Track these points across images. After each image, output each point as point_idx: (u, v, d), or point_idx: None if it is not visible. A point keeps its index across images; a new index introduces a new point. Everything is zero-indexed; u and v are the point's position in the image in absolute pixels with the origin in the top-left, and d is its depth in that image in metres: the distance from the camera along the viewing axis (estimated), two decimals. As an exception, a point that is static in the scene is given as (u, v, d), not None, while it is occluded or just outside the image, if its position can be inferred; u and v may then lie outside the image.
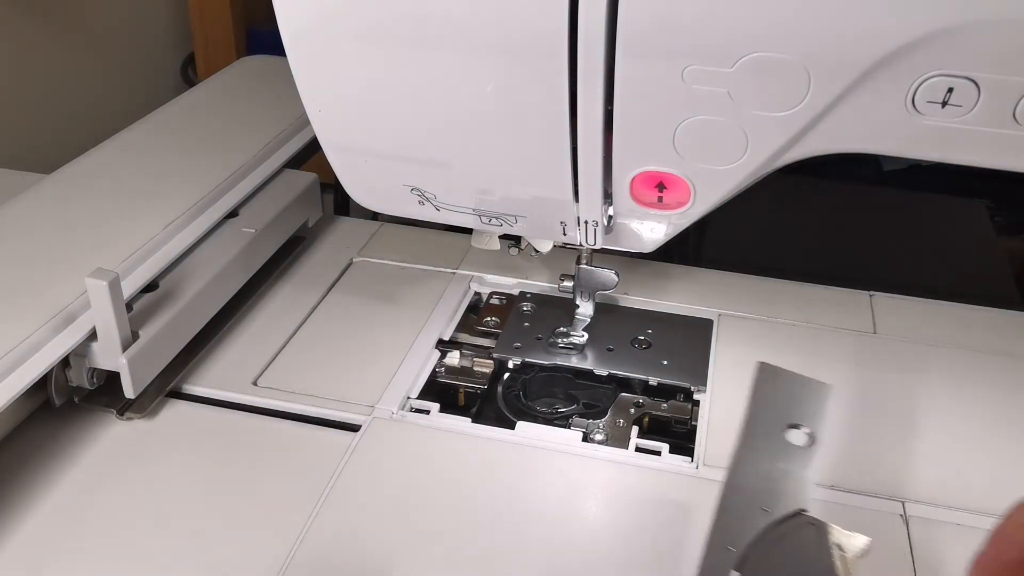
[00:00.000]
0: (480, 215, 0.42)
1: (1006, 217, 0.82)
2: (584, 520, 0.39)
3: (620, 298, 0.53)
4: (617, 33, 0.32)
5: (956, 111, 0.31)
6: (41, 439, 0.42)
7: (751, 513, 0.31)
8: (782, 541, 0.31)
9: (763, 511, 0.31)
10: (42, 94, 0.83)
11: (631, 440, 0.43)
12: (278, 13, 0.36)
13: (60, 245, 0.47)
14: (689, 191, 0.37)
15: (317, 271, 0.56)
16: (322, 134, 0.40)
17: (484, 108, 0.36)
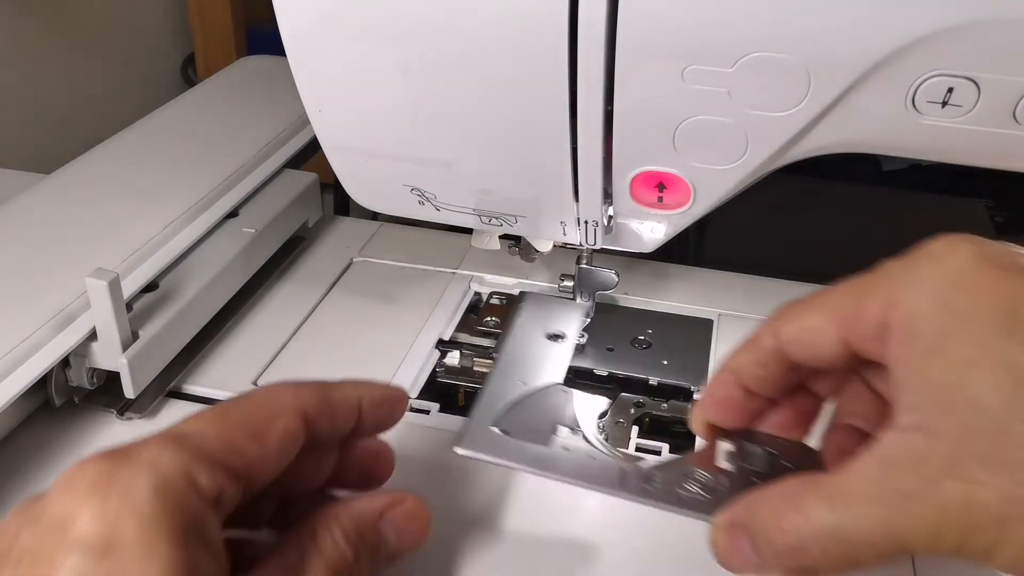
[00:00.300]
0: (480, 215, 0.42)
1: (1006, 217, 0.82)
2: (584, 520, 0.39)
3: (620, 298, 0.53)
4: (617, 33, 0.32)
5: (956, 111, 0.31)
6: (41, 439, 0.42)
7: (511, 386, 0.40)
8: (535, 403, 0.39)
9: (521, 384, 0.40)
10: (42, 94, 0.83)
11: (631, 440, 0.43)
12: (278, 13, 0.36)
13: (60, 245, 0.47)
14: (689, 191, 0.37)
15: (317, 271, 0.56)
16: (322, 134, 0.40)
17: (484, 108, 0.36)
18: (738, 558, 0.30)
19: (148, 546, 0.24)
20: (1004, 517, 0.25)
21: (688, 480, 0.34)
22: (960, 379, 0.26)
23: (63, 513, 0.25)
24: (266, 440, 0.28)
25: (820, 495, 0.28)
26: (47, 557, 0.24)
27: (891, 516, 0.27)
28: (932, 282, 0.28)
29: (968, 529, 0.26)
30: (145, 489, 0.25)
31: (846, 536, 0.27)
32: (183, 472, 0.26)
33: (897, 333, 0.28)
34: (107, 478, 0.25)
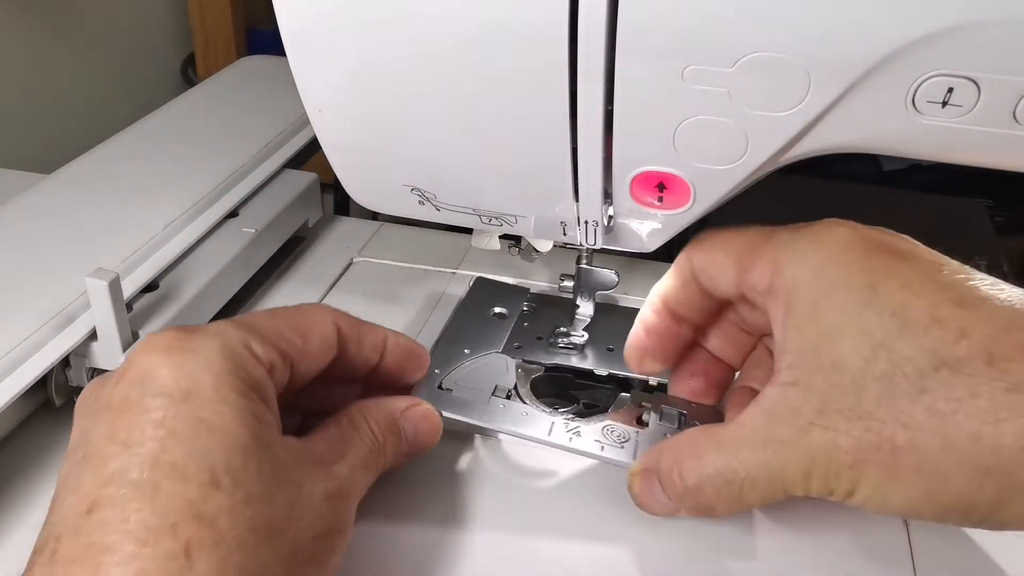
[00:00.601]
0: (480, 215, 0.42)
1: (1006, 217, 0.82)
2: (583, 519, 0.39)
3: (620, 298, 0.53)
4: (617, 33, 0.32)
5: (956, 111, 0.31)
6: (41, 439, 0.42)
7: (457, 352, 0.45)
8: (478, 367, 0.44)
9: (465, 353, 0.45)
10: (42, 94, 0.83)
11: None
12: (278, 13, 0.36)
13: (60, 245, 0.47)
14: (689, 191, 0.37)
15: (317, 271, 0.56)
16: (322, 134, 0.40)
17: (484, 108, 0.36)
18: (651, 500, 0.36)
19: (221, 393, 0.28)
20: (859, 461, 0.30)
21: (609, 434, 0.40)
22: (828, 343, 0.30)
23: (146, 369, 0.29)
24: (308, 337, 0.34)
25: (713, 443, 0.33)
26: (136, 402, 0.28)
27: (771, 460, 0.31)
28: (810, 256, 0.32)
29: (832, 472, 0.30)
30: (215, 350, 0.29)
31: (734, 478, 0.32)
32: (244, 342, 0.31)
33: (777, 297, 0.32)
34: (182, 341, 0.29)
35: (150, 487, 0.26)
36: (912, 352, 0.29)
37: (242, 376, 0.29)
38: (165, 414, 0.27)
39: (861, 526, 0.38)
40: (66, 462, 0.29)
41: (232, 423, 0.28)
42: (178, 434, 0.27)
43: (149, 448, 0.27)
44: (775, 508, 0.39)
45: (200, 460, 0.27)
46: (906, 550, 0.37)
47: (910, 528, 0.38)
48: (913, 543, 0.38)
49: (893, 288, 0.30)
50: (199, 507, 0.26)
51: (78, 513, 0.26)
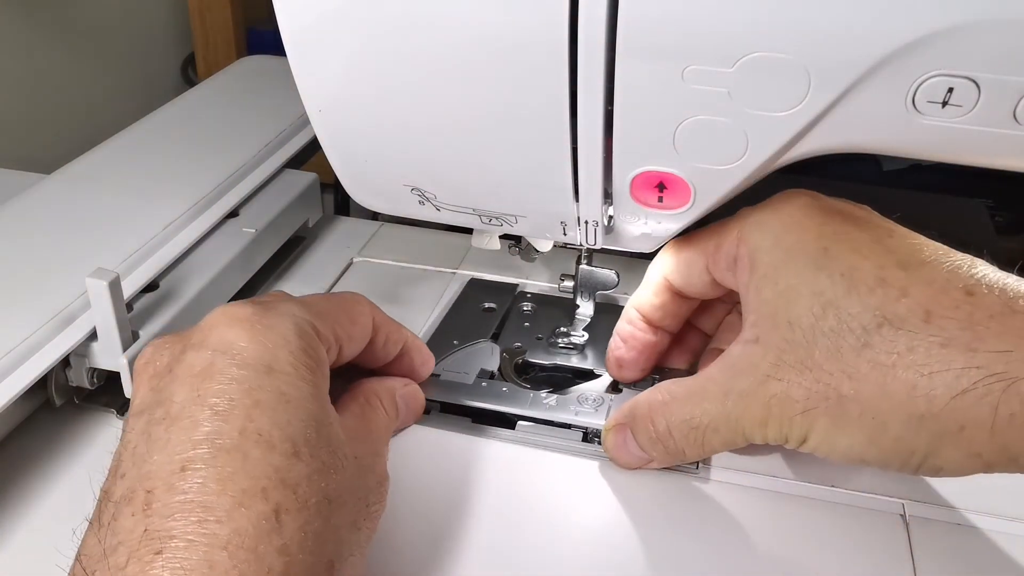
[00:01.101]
0: (480, 215, 0.42)
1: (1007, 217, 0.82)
2: (584, 519, 0.39)
3: (620, 298, 0.53)
4: (617, 33, 0.32)
5: (956, 111, 0.31)
6: (41, 439, 0.42)
7: (447, 343, 0.48)
8: (465, 353, 0.47)
9: (454, 343, 0.48)
10: (42, 94, 0.83)
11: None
12: (278, 13, 0.36)
13: (60, 245, 0.47)
14: (689, 191, 0.37)
15: (317, 271, 0.56)
16: (322, 134, 0.40)
17: (484, 108, 0.36)
18: (624, 453, 0.39)
19: (297, 370, 0.31)
20: (810, 410, 0.32)
21: (584, 401, 0.44)
22: (784, 302, 0.33)
23: (229, 340, 0.30)
24: (355, 323, 0.37)
25: (683, 392, 0.36)
26: (222, 370, 0.29)
27: (731, 409, 0.34)
28: (771, 223, 0.35)
29: (786, 420, 0.33)
30: (291, 328, 0.32)
31: (698, 424, 0.35)
32: (311, 322, 0.33)
33: (742, 264, 0.35)
34: (260, 317, 0.31)
35: (240, 453, 0.28)
36: (858, 310, 0.32)
37: (311, 354, 0.32)
38: (250, 385, 0.29)
39: (861, 526, 0.38)
40: (138, 419, 0.30)
41: (307, 398, 0.30)
42: (262, 405, 0.29)
43: (237, 416, 0.28)
44: (775, 508, 0.39)
45: (282, 430, 0.29)
46: (906, 550, 0.37)
47: (910, 528, 0.38)
48: (913, 543, 0.38)
49: (844, 251, 0.33)
50: (284, 474, 0.28)
51: (170, 471, 0.27)
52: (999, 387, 0.29)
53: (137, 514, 0.27)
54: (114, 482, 0.29)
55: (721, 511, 0.39)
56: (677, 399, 0.36)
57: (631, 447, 0.39)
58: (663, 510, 0.39)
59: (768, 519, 0.39)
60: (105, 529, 0.27)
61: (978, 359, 0.30)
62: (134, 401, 0.31)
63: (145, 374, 0.32)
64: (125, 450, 0.29)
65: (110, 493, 0.29)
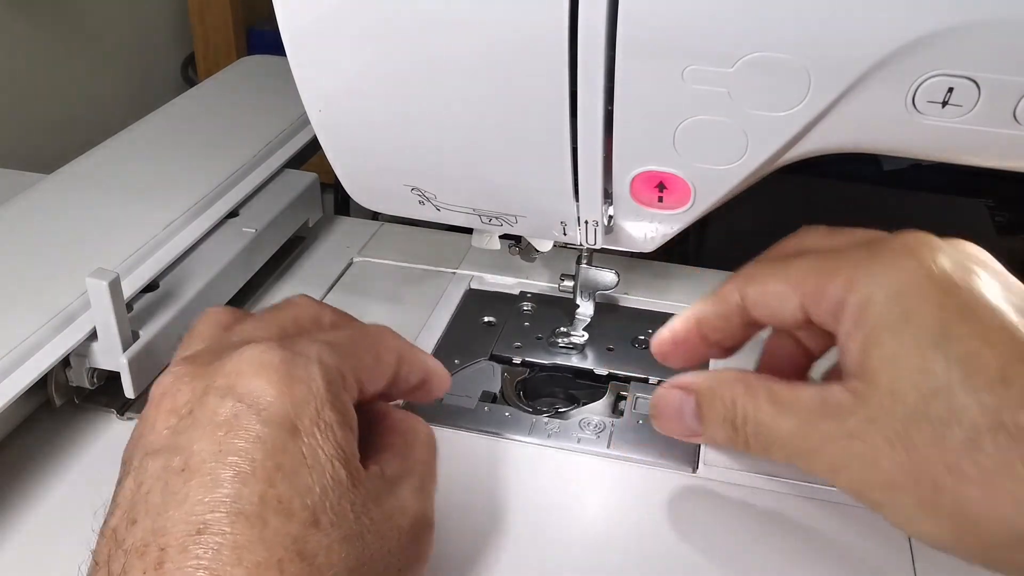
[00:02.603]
0: (480, 215, 0.42)
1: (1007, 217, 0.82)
2: (583, 519, 0.39)
3: (620, 298, 0.53)
4: (617, 33, 0.32)
5: (956, 111, 0.31)
6: (41, 439, 0.42)
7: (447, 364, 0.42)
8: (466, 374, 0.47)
9: (455, 363, 0.47)
10: (42, 94, 0.83)
11: (631, 440, 0.43)
12: (278, 13, 0.36)
13: (60, 245, 0.47)
14: (689, 191, 0.37)
15: (317, 271, 0.56)
16: (322, 134, 0.40)
17: (484, 108, 0.36)
18: (675, 417, 0.36)
19: (322, 429, 0.29)
20: (895, 485, 0.30)
21: (586, 427, 0.43)
22: (892, 370, 0.30)
23: (255, 392, 0.29)
24: (380, 361, 0.35)
25: (771, 397, 0.33)
26: (245, 426, 0.28)
27: (808, 443, 0.32)
28: (888, 278, 0.31)
29: (863, 482, 0.31)
30: (319, 380, 0.30)
31: (775, 435, 0.33)
32: (339, 372, 0.31)
33: (850, 314, 0.32)
34: (289, 367, 0.30)
35: (259, 521, 0.27)
36: (972, 406, 0.28)
37: (338, 407, 0.30)
38: (274, 446, 0.28)
39: (861, 526, 0.38)
40: (155, 459, 0.29)
41: (331, 461, 0.29)
42: (284, 469, 0.28)
43: (258, 479, 0.28)
44: (775, 508, 0.39)
45: (303, 498, 0.28)
46: (906, 550, 0.37)
47: (910, 528, 0.38)
48: (913, 543, 0.38)
49: (966, 334, 0.29)
50: (301, 545, 0.27)
51: (186, 531, 0.27)
52: None
53: (149, 572, 0.26)
54: (124, 524, 0.28)
55: (721, 511, 0.39)
56: (762, 397, 0.34)
57: (687, 414, 0.35)
58: (663, 509, 0.39)
59: (768, 519, 0.39)
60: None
61: None
62: (148, 435, 0.30)
63: (163, 407, 0.30)
64: (138, 491, 0.28)
65: (119, 535, 0.28)
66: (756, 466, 0.41)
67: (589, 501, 0.40)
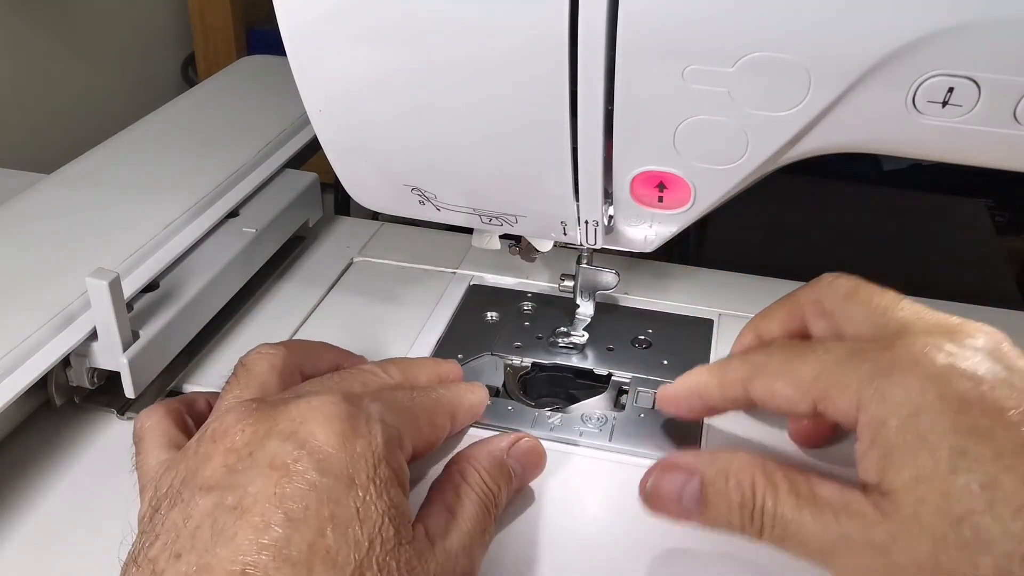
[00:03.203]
0: (480, 215, 0.42)
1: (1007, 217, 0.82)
2: (584, 519, 0.39)
3: (620, 298, 0.53)
4: (617, 33, 0.32)
5: (956, 111, 0.31)
6: (41, 439, 0.42)
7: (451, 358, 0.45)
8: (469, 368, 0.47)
9: (459, 358, 0.47)
10: (42, 94, 0.83)
11: (631, 440, 0.43)
12: (278, 13, 0.36)
13: (60, 245, 0.47)
14: (689, 191, 0.37)
15: (317, 271, 0.56)
16: (322, 134, 0.40)
17: (484, 108, 0.36)
18: (671, 499, 0.34)
19: (377, 487, 0.30)
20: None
21: (588, 421, 0.44)
22: (914, 496, 0.30)
23: (318, 442, 0.30)
24: (435, 428, 0.37)
25: (793, 489, 0.32)
26: (303, 472, 0.29)
27: (831, 541, 0.31)
28: (897, 397, 0.31)
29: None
30: (379, 439, 0.31)
31: (795, 530, 0.32)
32: (398, 434, 0.33)
33: (864, 431, 0.31)
34: (352, 421, 0.31)
35: (305, 568, 0.27)
36: (999, 535, 0.28)
37: (393, 467, 0.31)
38: (329, 496, 0.29)
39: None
40: (207, 496, 0.29)
41: (383, 517, 0.30)
42: (337, 521, 0.28)
43: (310, 527, 0.28)
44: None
45: (350, 551, 0.28)
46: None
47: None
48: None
49: (985, 456, 0.29)
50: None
51: (230, 570, 0.27)
52: None
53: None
54: (166, 556, 0.28)
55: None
56: (786, 490, 0.32)
57: (688, 497, 0.34)
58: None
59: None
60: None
61: None
62: (203, 471, 0.30)
63: (222, 444, 0.31)
64: (186, 527, 0.29)
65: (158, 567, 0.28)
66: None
67: (591, 495, 0.40)
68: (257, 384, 0.36)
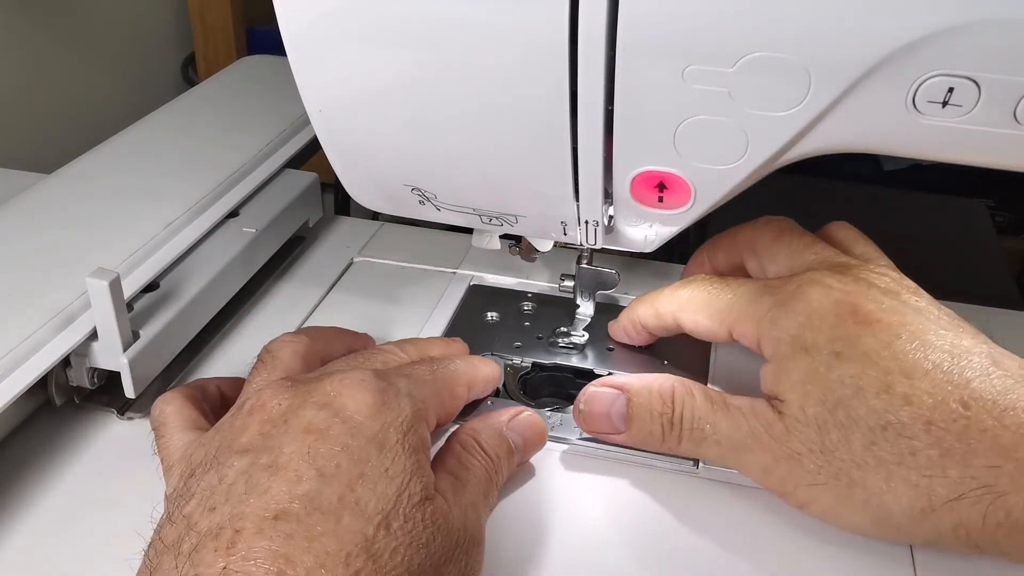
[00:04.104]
0: (480, 215, 0.42)
1: (1007, 217, 0.83)
2: (584, 519, 0.39)
3: (621, 298, 0.53)
4: (617, 33, 0.32)
5: (957, 111, 0.31)
6: (41, 439, 0.42)
7: None
8: None
9: None
10: (42, 94, 0.83)
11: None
12: (278, 13, 0.36)
13: (60, 245, 0.47)
14: (689, 191, 0.37)
15: (317, 271, 0.56)
16: (322, 134, 0.40)
17: (484, 108, 0.36)
18: (602, 416, 0.40)
19: (405, 451, 0.32)
20: (817, 484, 0.36)
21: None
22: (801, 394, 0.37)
23: (352, 408, 0.33)
24: (454, 398, 0.40)
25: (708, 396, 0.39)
26: (337, 436, 0.31)
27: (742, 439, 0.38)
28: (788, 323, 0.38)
29: (791, 483, 0.37)
30: (407, 409, 0.34)
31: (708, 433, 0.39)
32: (424, 407, 0.35)
33: (765, 354, 0.39)
34: (384, 394, 0.34)
35: (334, 517, 0.29)
36: (865, 412, 0.35)
37: (420, 434, 0.34)
38: (360, 456, 0.31)
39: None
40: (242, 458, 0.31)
41: (409, 477, 0.32)
42: (367, 477, 0.31)
43: (340, 482, 0.30)
44: (775, 507, 0.39)
45: (378, 503, 0.30)
46: (906, 550, 0.37)
47: (910, 528, 0.38)
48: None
49: (855, 356, 0.36)
50: (370, 544, 0.29)
51: (263, 516, 0.29)
52: (988, 498, 0.33)
53: (220, 551, 0.28)
54: (200, 510, 0.30)
55: (721, 509, 0.39)
56: (705, 397, 0.39)
57: (615, 413, 0.40)
58: (663, 505, 0.39)
59: (768, 519, 0.39)
60: (184, 558, 0.28)
61: (971, 471, 0.33)
62: (240, 438, 0.32)
63: (259, 416, 0.33)
64: (221, 485, 0.30)
65: (193, 520, 0.29)
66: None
67: (590, 495, 0.40)
68: (283, 367, 0.38)
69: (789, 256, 0.42)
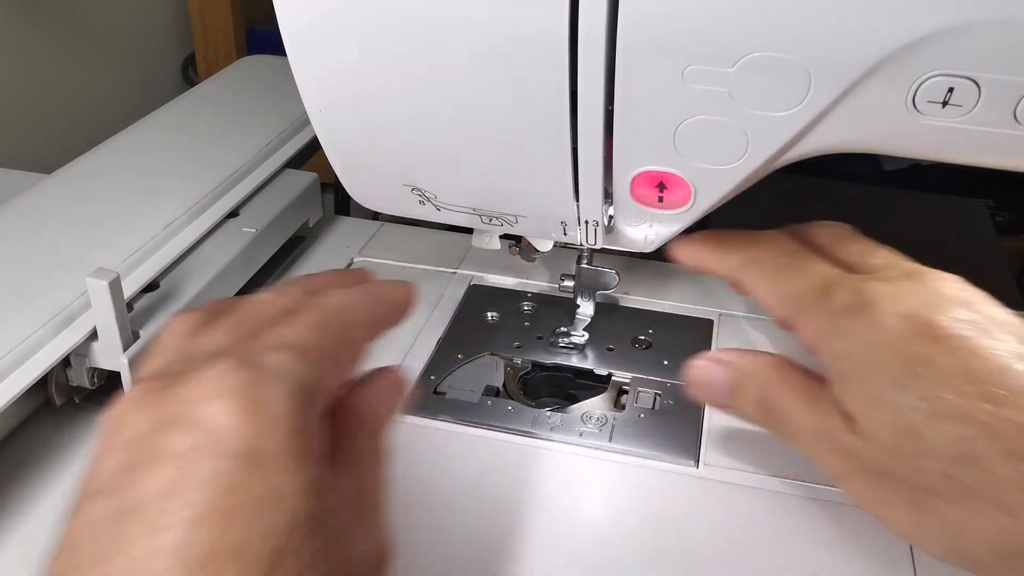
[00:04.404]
0: (480, 215, 0.42)
1: (1007, 217, 0.82)
2: (584, 519, 0.39)
3: (620, 298, 0.53)
4: (617, 33, 0.32)
5: (957, 111, 0.31)
6: (41, 439, 0.42)
7: (451, 358, 0.48)
8: (469, 368, 0.47)
9: (459, 358, 0.48)
10: (42, 94, 0.83)
11: (631, 440, 0.43)
12: (278, 13, 0.36)
13: (60, 245, 0.47)
14: (689, 191, 0.37)
15: (317, 271, 0.56)
16: (322, 134, 0.40)
17: (484, 108, 0.36)
18: (709, 390, 0.39)
19: (288, 459, 0.26)
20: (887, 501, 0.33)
21: (588, 420, 0.44)
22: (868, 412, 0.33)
23: (214, 422, 0.26)
24: (352, 350, 0.32)
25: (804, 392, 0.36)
26: (201, 462, 0.25)
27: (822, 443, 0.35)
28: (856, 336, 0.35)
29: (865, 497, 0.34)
30: (285, 404, 0.27)
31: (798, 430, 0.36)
32: (309, 381, 0.28)
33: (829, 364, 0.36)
34: (252, 389, 0.26)
35: (213, 569, 0.24)
36: (938, 440, 0.31)
37: (308, 434, 0.27)
38: (232, 482, 0.25)
39: (861, 526, 0.38)
40: (107, 499, 0.26)
41: (296, 496, 0.26)
42: (244, 508, 0.25)
43: (211, 524, 0.24)
44: (776, 507, 0.39)
45: (263, 541, 0.25)
46: (906, 550, 0.37)
47: (910, 528, 0.38)
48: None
49: (928, 377, 0.32)
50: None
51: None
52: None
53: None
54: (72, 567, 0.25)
55: (722, 507, 0.39)
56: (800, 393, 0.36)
57: (720, 390, 0.38)
58: (664, 504, 0.39)
59: (768, 519, 0.39)
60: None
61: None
62: (103, 465, 0.26)
63: (115, 440, 0.27)
64: (85, 530, 0.25)
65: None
66: (757, 464, 0.41)
67: (590, 495, 0.40)
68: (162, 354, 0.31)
69: (857, 260, 0.38)
